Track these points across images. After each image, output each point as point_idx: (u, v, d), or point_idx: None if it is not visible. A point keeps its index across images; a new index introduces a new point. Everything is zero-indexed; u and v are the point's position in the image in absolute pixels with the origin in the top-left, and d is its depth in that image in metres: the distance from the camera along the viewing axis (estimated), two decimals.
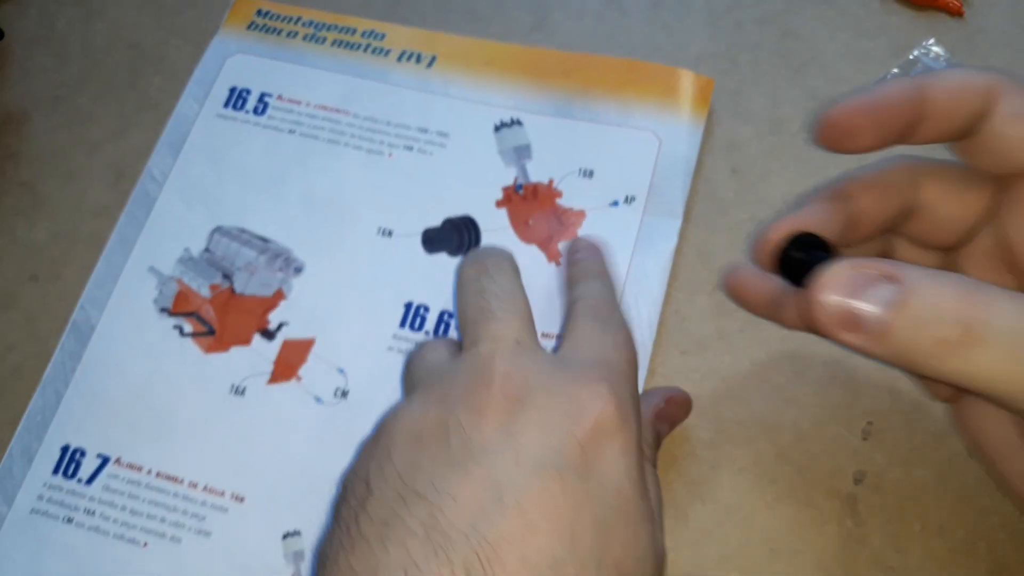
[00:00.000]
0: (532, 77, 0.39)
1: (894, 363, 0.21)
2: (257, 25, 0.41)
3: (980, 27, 0.39)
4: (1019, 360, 0.19)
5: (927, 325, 0.19)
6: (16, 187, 0.39)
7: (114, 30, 0.43)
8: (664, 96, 0.38)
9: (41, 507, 0.32)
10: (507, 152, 0.38)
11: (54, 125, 0.40)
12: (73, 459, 0.33)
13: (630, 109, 0.38)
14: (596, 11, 0.41)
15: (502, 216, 0.37)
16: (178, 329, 0.35)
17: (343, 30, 0.41)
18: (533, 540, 0.21)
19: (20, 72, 0.42)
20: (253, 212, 0.37)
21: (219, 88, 0.40)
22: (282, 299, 0.35)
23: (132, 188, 0.38)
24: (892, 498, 0.31)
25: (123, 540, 0.32)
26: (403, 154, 0.38)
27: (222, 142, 0.38)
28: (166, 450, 0.33)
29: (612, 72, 0.39)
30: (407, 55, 0.40)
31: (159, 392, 0.34)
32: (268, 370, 0.34)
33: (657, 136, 0.37)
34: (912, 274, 0.20)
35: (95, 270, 0.36)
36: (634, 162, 0.37)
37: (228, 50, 0.41)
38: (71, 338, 0.35)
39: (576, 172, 0.37)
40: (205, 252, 0.36)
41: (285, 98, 0.39)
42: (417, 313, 0.35)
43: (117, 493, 0.33)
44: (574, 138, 0.38)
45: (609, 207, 0.36)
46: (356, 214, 0.37)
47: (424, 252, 0.36)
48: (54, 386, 0.34)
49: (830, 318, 0.21)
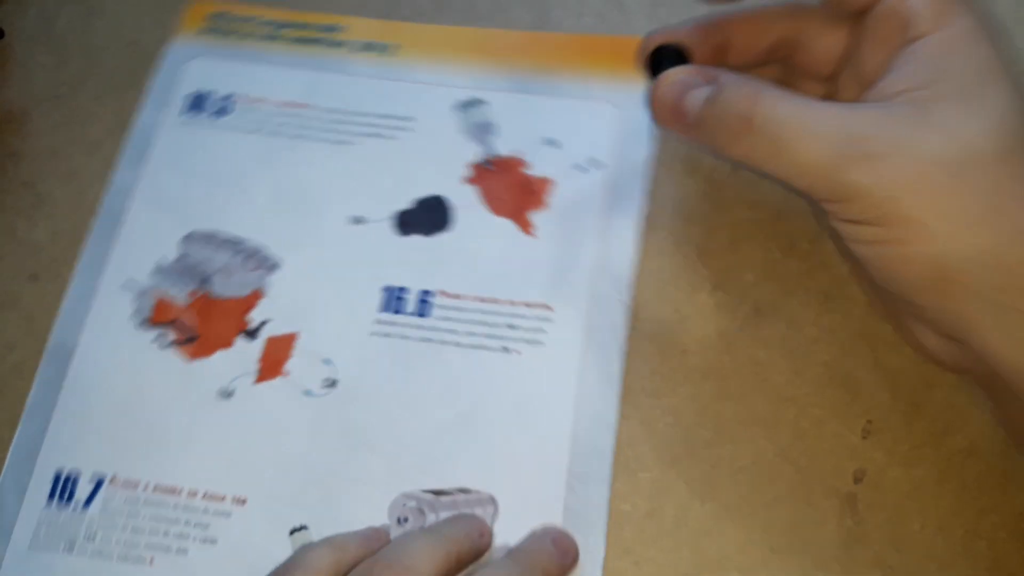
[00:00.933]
0: (490, 57, 0.39)
1: (707, 145, 0.27)
2: (212, 28, 0.41)
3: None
4: (781, 144, 0.25)
5: (725, 117, 0.26)
6: (17, 186, 0.39)
7: (114, 29, 0.42)
8: (618, 66, 0.39)
9: (39, 540, 0.32)
10: (471, 130, 0.38)
11: (54, 124, 0.40)
12: (67, 484, 0.32)
13: (587, 81, 0.39)
14: (596, 10, 0.40)
15: (473, 193, 0.37)
16: (160, 340, 0.35)
17: (300, 26, 0.41)
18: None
19: (20, 71, 0.42)
20: (223, 214, 0.37)
21: (179, 94, 0.39)
22: (261, 297, 0.35)
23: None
24: (892, 497, 0.31)
25: (128, 560, 0.31)
26: (369, 142, 0.38)
27: (186, 148, 0.38)
28: (161, 462, 0.33)
29: (567, 47, 0.39)
30: (366, 45, 0.40)
31: (147, 405, 0.33)
32: (255, 369, 0.34)
33: (615, 105, 0.38)
34: (725, 78, 0.26)
35: (68, 291, 0.36)
36: (596, 130, 0.37)
37: (185, 55, 0.40)
38: (50, 363, 0.34)
39: (540, 143, 0.37)
40: (179, 259, 0.36)
41: (247, 98, 0.39)
42: (396, 296, 0.35)
43: (116, 513, 0.32)
44: (536, 112, 0.38)
45: (575, 172, 0.37)
46: (327, 205, 0.37)
47: (397, 236, 0.36)
48: (39, 413, 0.34)
49: (662, 110, 0.28)
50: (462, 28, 0.40)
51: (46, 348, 0.35)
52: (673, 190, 0.37)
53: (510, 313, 0.34)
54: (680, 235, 0.36)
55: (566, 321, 0.34)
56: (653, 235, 0.36)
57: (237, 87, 0.39)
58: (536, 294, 0.35)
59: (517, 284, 0.35)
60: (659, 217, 0.36)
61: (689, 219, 0.36)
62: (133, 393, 0.34)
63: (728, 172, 0.37)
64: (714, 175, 0.37)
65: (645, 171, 0.37)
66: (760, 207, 0.36)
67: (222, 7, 0.41)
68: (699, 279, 0.35)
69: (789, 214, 0.36)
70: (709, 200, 0.37)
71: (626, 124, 0.38)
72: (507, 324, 0.34)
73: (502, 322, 0.34)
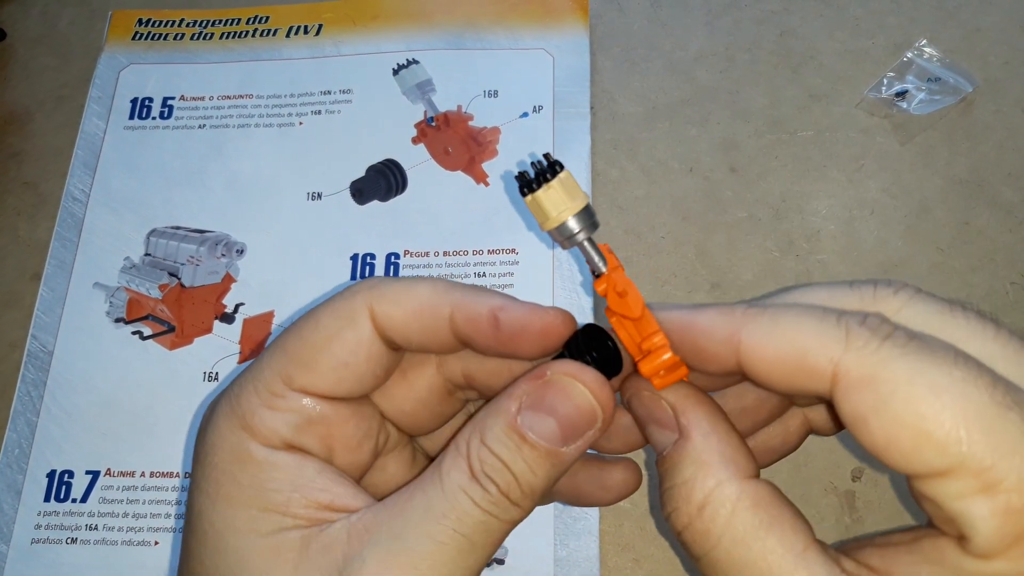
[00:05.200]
0: (418, 20, 0.41)
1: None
2: (141, 34, 0.42)
3: (977, 26, 0.39)
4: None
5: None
6: (19, 186, 0.39)
7: (83, 33, 0.43)
8: (546, 16, 0.40)
9: (40, 536, 0.32)
10: (411, 91, 0.39)
11: (56, 125, 0.40)
12: (62, 482, 0.33)
13: (518, 33, 0.40)
14: (596, 10, 0.41)
15: (421, 151, 0.38)
16: (138, 334, 0.35)
17: (228, 22, 0.42)
18: None
19: (23, 72, 0.42)
20: (182, 209, 0.37)
21: (120, 101, 0.40)
22: (233, 282, 0.36)
23: None
24: (889, 494, 0.31)
25: (132, 544, 0.32)
26: (313, 119, 0.39)
27: (136, 151, 0.39)
28: (154, 450, 0.33)
29: (492, 2, 0.41)
30: (295, 29, 0.41)
31: (133, 398, 0.34)
32: (236, 350, 0.35)
33: (549, 52, 0.39)
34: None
35: (38, 298, 0.36)
36: (534, 77, 0.39)
37: (119, 63, 0.41)
38: (30, 368, 0.35)
39: (481, 94, 0.39)
40: (146, 256, 0.37)
41: (188, 97, 0.40)
42: (365, 262, 0.36)
43: (115, 502, 0.33)
44: (472, 66, 0.39)
45: (520, 119, 0.38)
46: (282, 186, 0.38)
47: (356, 205, 0.37)
48: (24, 417, 0.34)
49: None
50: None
51: (25, 351, 0.35)
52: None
53: (478, 262, 0.36)
54: (684, 238, 0.36)
55: (532, 260, 0.35)
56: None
57: (177, 88, 0.40)
58: (500, 240, 0.36)
59: (480, 233, 0.36)
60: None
61: (688, 218, 0.36)
62: (118, 388, 0.34)
63: (727, 171, 0.37)
64: (713, 174, 0.37)
65: (588, 111, 0.38)
66: (758, 206, 0.36)
67: (146, 13, 0.42)
68: (698, 278, 0.35)
69: (788, 213, 0.36)
70: (708, 199, 0.37)
71: (563, 70, 0.39)
72: (476, 273, 0.35)
73: (471, 272, 0.35)
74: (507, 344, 0.20)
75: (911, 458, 0.16)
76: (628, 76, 0.39)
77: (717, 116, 0.38)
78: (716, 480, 0.18)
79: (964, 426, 0.16)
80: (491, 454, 0.19)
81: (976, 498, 0.16)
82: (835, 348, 0.17)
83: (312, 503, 0.19)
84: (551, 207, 0.20)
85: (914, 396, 0.16)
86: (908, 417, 0.16)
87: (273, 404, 0.20)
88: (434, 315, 0.20)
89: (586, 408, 0.19)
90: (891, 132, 0.37)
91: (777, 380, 0.18)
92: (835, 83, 0.38)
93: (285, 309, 0.35)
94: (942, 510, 0.17)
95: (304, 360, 0.20)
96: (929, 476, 0.16)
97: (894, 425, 0.16)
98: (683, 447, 0.19)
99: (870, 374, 0.17)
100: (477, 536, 0.19)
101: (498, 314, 0.20)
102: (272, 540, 0.19)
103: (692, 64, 0.39)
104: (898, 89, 0.38)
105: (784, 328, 0.18)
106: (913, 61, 0.38)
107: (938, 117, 0.37)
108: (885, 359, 0.17)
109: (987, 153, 0.36)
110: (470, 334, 0.20)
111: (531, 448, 0.19)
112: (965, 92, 0.37)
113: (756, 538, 0.18)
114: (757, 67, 0.39)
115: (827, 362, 0.17)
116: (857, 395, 0.17)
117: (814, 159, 0.37)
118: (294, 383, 0.20)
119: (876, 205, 0.36)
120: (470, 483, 0.19)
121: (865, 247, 0.35)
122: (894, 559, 0.18)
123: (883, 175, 0.36)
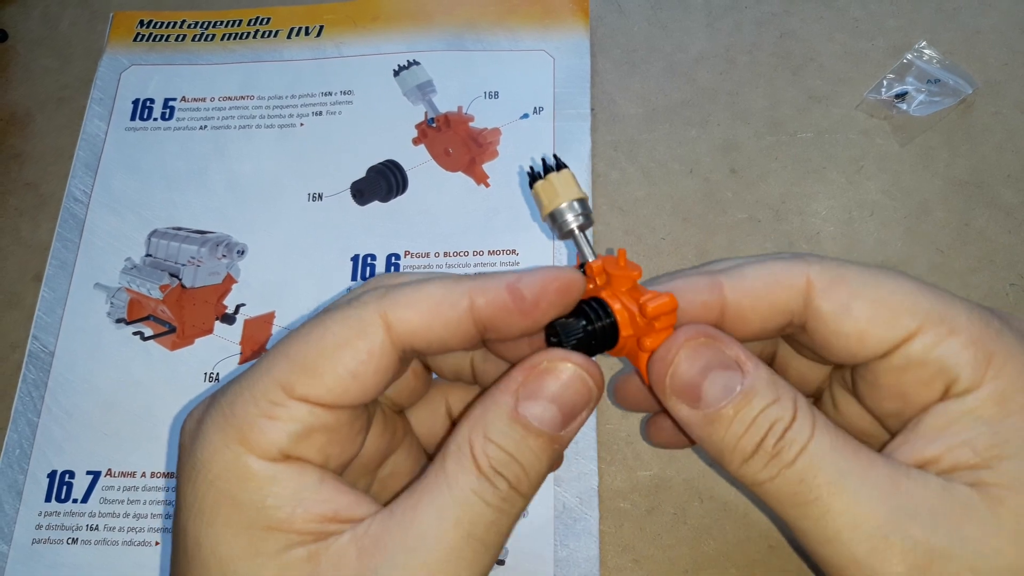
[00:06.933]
0: (419, 22, 0.41)
1: (709, 450, 0.21)
2: (143, 35, 0.42)
3: (977, 28, 0.39)
4: (818, 507, 0.19)
5: (752, 432, 0.20)
6: (20, 187, 0.39)
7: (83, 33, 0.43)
8: (546, 18, 0.40)
9: (41, 536, 0.32)
10: (411, 92, 0.39)
11: (58, 126, 0.40)
12: (63, 482, 0.33)
13: (518, 34, 0.40)
14: (597, 12, 0.41)
15: (421, 152, 0.38)
16: (139, 335, 0.35)
17: (229, 23, 0.42)
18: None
19: (24, 73, 0.42)
20: (184, 210, 0.38)
21: (121, 102, 0.40)
22: (233, 283, 0.36)
23: None
24: None
25: (133, 545, 0.32)
26: (314, 120, 0.39)
27: (137, 152, 0.39)
28: (154, 450, 0.33)
29: (493, 3, 0.41)
30: (296, 31, 0.41)
31: (135, 398, 0.34)
32: (237, 351, 0.35)
33: (549, 54, 0.39)
34: (755, 375, 0.20)
35: (40, 299, 0.36)
36: (534, 79, 0.39)
37: (120, 65, 0.41)
38: (31, 368, 0.35)
39: (482, 96, 0.39)
40: (147, 257, 0.37)
41: (189, 98, 0.40)
42: (365, 263, 0.36)
43: (116, 503, 0.33)
44: (472, 67, 0.39)
45: (521, 120, 0.38)
46: (283, 187, 0.38)
47: (357, 206, 0.37)
48: (25, 417, 0.34)
49: (672, 382, 0.21)
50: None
51: (27, 351, 0.35)
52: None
53: (478, 263, 0.36)
54: (683, 238, 0.36)
55: (532, 261, 0.35)
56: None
57: (178, 89, 0.40)
58: (500, 241, 0.36)
59: (480, 234, 0.36)
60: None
61: (688, 219, 0.36)
62: (119, 389, 0.34)
63: (727, 172, 0.37)
64: (714, 175, 0.37)
65: (588, 112, 0.38)
66: (758, 207, 0.36)
67: (148, 14, 0.42)
68: None
69: (788, 215, 0.36)
70: (708, 201, 0.37)
71: (564, 72, 0.39)
72: (477, 274, 0.35)
73: (472, 273, 0.35)
74: (531, 312, 0.20)
75: (892, 326, 0.20)
76: (628, 77, 0.39)
77: (717, 118, 0.38)
78: (792, 394, 0.20)
79: (920, 294, 0.21)
80: (497, 448, 0.19)
81: (949, 340, 0.20)
82: (803, 268, 0.21)
83: (315, 516, 0.19)
84: (549, 197, 0.22)
85: (880, 282, 0.21)
86: (881, 294, 0.21)
87: (272, 413, 0.19)
88: (453, 308, 0.20)
89: (582, 388, 0.20)
90: (891, 134, 0.37)
91: (762, 311, 0.22)
92: (835, 85, 0.38)
93: (286, 310, 0.35)
94: (925, 369, 0.20)
95: (309, 368, 0.19)
96: (907, 340, 0.20)
97: (871, 304, 0.21)
98: (757, 374, 0.20)
99: (839, 274, 0.21)
100: (490, 536, 0.19)
101: (517, 285, 0.20)
102: (279, 560, 0.19)
103: (692, 66, 0.39)
104: (898, 91, 0.38)
105: (757, 268, 0.22)
106: (913, 63, 0.38)
107: (938, 119, 0.37)
108: (845, 265, 0.21)
109: (987, 155, 0.37)
110: (493, 315, 0.20)
111: (536, 436, 0.20)
112: (965, 94, 0.37)
113: (841, 436, 0.20)
114: (757, 69, 0.39)
115: (800, 276, 0.21)
116: (833, 291, 0.21)
117: (814, 160, 0.37)
118: (295, 391, 0.19)
119: (876, 206, 0.36)
120: (479, 482, 0.19)
121: (865, 248, 0.35)
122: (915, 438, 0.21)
123: (883, 176, 0.36)
